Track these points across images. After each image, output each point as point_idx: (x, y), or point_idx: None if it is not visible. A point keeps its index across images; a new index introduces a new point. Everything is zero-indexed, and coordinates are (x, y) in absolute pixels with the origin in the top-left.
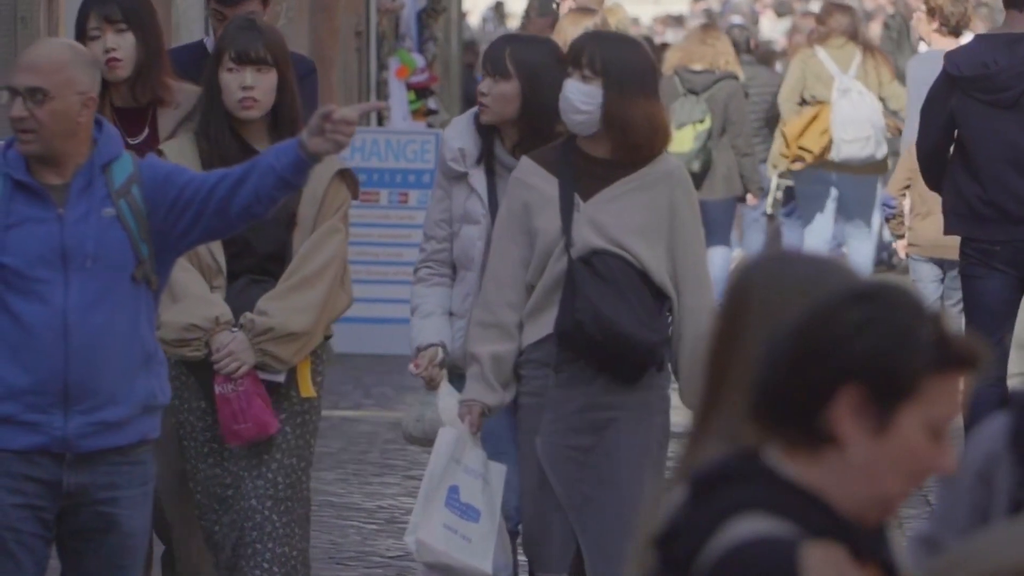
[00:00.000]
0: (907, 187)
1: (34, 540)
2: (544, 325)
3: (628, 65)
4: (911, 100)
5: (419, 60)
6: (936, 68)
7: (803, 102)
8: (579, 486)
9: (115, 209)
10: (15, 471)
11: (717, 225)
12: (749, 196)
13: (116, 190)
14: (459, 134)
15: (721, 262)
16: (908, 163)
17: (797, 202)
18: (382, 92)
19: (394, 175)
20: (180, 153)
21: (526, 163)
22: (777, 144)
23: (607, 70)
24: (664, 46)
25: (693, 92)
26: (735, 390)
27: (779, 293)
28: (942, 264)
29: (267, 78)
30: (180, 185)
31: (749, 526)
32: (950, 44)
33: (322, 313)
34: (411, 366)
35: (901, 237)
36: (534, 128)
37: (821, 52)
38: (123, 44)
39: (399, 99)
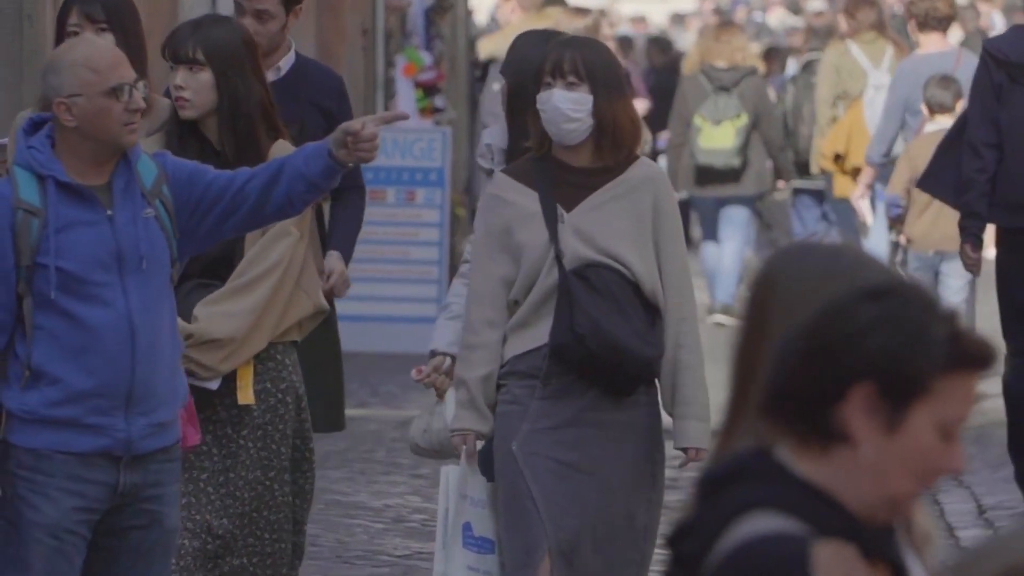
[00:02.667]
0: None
1: (83, 542)
2: (531, 338)
3: (608, 68)
4: (888, 105)
5: (426, 58)
6: (915, 75)
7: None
8: (558, 499)
9: (153, 209)
10: (76, 474)
11: (740, 220)
12: (780, 183)
13: (150, 190)
14: (493, 132)
15: (731, 259)
16: (907, 163)
17: (829, 202)
18: (389, 90)
19: (401, 173)
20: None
21: (501, 179)
22: (816, 147)
23: (592, 75)
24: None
25: (724, 89)
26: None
27: (801, 285)
28: (942, 257)
29: (198, 78)
30: (205, 184)
31: (759, 524)
32: (934, 42)
33: (262, 319)
34: (413, 372)
35: (901, 232)
36: (518, 126)
37: (854, 47)
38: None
39: (406, 97)
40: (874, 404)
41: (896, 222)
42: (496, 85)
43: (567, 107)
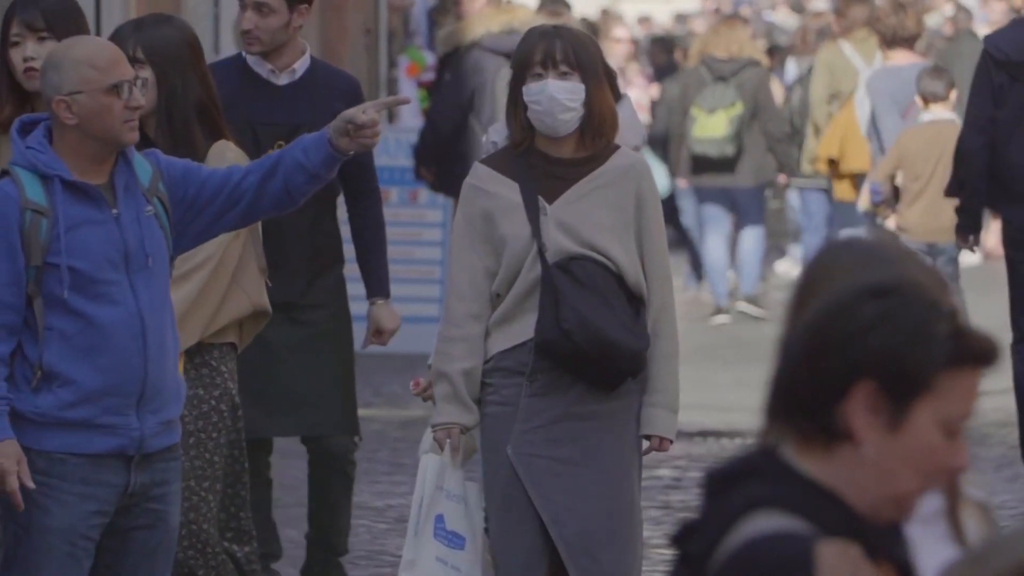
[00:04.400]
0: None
1: (93, 546)
2: (515, 333)
3: (594, 55)
4: (879, 114)
5: (429, 58)
6: (892, 82)
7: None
8: (557, 496)
9: (153, 207)
10: (88, 477)
11: (746, 212)
12: (781, 176)
13: (148, 188)
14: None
15: (752, 248)
16: (896, 152)
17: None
18: (392, 90)
19: (404, 173)
20: None
21: (481, 170)
22: (809, 147)
23: (582, 64)
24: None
25: (722, 78)
26: None
27: (837, 280)
28: (932, 248)
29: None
30: (199, 182)
31: (763, 523)
32: (899, 56)
33: (191, 314)
34: (411, 384)
35: (887, 218)
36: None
37: (846, 47)
38: (43, 54)
39: (409, 97)
40: (876, 402)
41: (878, 208)
42: (448, 75)
43: (564, 97)
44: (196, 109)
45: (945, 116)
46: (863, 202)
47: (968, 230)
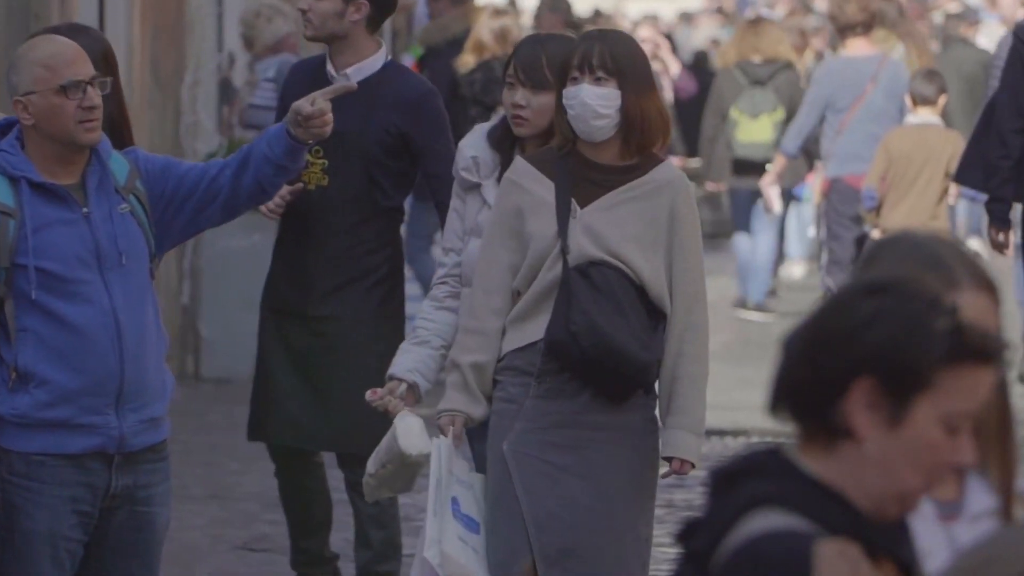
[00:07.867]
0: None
1: (78, 548)
2: (529, 333)
3: (637, 61)
4: (809, 101)
5: None
6: (846, 74)
7: None
8: (546, 502)
9: (128, 205)
10: (69, 478)
11: (773, 214)
12: (811, 175)
13: (124, 186)
14: (474, 143)
15: (767, 258)
16: (884, 154)
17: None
18: None
19: None
20: None
21: (521, 165)
22: None
23: (620, 70)
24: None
25: (759, 83)
26: None
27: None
28: None
29: None
30: (178, 177)
31: (765, 521)
32: (858, 46)
33: None
34: (368, 394)
35: (876, 227)
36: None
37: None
38: None
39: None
40: (876, 399)
41: (870, 213)
42: (425, 74)
43: (596, 103)
44: (107, 123)
45: (931, 120)
46: (769, 198)
47: (1000, 224)
